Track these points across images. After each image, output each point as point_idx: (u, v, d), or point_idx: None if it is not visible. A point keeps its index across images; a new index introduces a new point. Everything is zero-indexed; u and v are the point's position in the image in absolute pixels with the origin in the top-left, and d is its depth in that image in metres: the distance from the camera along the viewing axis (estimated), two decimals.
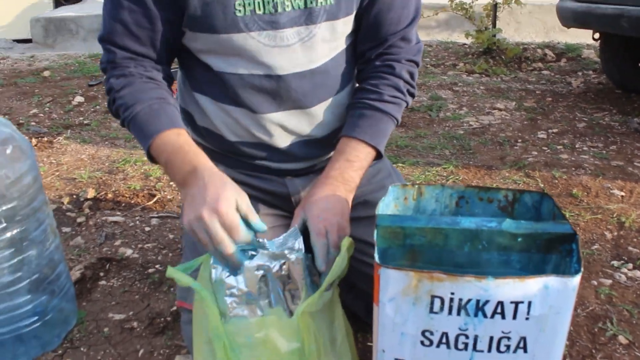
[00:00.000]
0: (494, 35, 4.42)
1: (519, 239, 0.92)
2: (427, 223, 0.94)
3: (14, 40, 5.60)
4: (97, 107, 3.38)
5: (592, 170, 2.29)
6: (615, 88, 3.64)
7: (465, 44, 4.86)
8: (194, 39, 1.13)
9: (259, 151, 1.23)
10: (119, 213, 1.99)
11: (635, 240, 1.77)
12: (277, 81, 1.13)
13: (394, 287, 0.81)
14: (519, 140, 2.69)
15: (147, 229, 1.90)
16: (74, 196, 2.13)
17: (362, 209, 1.31)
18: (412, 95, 1.21)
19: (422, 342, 0.84)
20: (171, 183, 2.20)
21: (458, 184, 2.07)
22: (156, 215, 1.97)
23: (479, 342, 0.83)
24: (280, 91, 1.14)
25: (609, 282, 1.55)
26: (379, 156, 1.15)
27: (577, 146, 2.61)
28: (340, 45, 1.18)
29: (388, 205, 1.05)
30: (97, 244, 1.79)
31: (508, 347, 0.83)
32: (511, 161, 2.42)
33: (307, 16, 1.08)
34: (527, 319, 0.80)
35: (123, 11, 1.04)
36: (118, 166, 2.40)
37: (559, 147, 2.60)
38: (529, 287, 0.78)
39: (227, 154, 1.25)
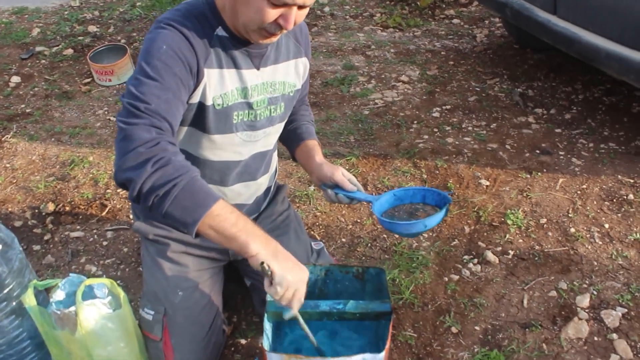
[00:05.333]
0: None
1: (357, 315, 1.44)
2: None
3: None
4: (35, 88, 3.61)
5: (469, 157, 2.82)
6: (514, 42, 4.09)
7: None
8: (181, 131, 1.54)
9: None
10: (78, 227, 2.41)
11: (485, 234, 2.33)
12: (242, 163, 1.64)
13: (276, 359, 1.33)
14: (415, 122, 3.16)
15: (104, 243, 2.33)
16: (36, 210, 2.51)
17: None
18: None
19: None
20: (122, 195, 2.60)
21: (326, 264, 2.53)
22: (110, 228, 2.40)
23: None
24: (242, 169, 1.66)
25: (456, 277, 2.13)
26: None
27: (463, 126, 3.11)
28: (277, 135, 1.71)
29: None
30: (66, 262, 2.23)
31: None
32: (404, 148, 2.91)
33: (270, 121, 1.60)
34: None
35: (164, 91, 1.30)
36: (69, 172, 2.75)
37: (447, 127, 3.09)
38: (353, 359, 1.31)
39: None
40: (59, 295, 1.61)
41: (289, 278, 1.27)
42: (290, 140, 1.80)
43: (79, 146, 2.97)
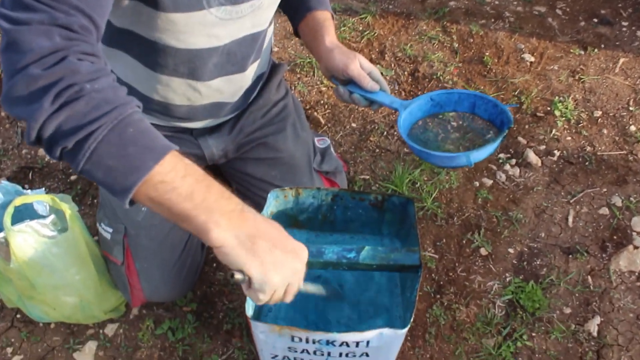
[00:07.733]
0: None
1: (374, 266, 1.07)
2: None
3: None
4: None
5: (511, 23, 2.28)
6: None
7: None
8: (120, 5, 0.98)
9: (184, 111, 1.23)
10: None
11: (526, 127, 1.91)
12: (221, 50, 1.11)
13: (263, 329, 0.99)
14: None
15: None
16: None
17: (262, 150, 1.44)
18: None
19: (289, 349, 1.06)
20: None
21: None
22: None
23: (331, 355, 1.05)
24: (222, 58, 1.14)
25: (489, 182, 1.74)
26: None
27: None
28: (274, 6, 1.15)
29: (268, 208, 1.16)
30: (15, 144, 1.83)
31: (354, 355, 1.05)
32: (432, 6, 2.36)
33: None
34: (366, 346, 1.01)
35: None
36: None
37: None
38: (367, 335, 0.97)
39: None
40: None
41: (275, 280, 0.82)
42: (292, 8, 1.28)
43: None
